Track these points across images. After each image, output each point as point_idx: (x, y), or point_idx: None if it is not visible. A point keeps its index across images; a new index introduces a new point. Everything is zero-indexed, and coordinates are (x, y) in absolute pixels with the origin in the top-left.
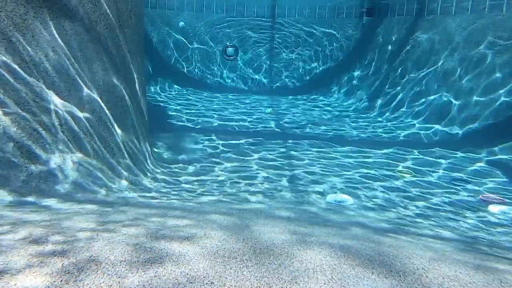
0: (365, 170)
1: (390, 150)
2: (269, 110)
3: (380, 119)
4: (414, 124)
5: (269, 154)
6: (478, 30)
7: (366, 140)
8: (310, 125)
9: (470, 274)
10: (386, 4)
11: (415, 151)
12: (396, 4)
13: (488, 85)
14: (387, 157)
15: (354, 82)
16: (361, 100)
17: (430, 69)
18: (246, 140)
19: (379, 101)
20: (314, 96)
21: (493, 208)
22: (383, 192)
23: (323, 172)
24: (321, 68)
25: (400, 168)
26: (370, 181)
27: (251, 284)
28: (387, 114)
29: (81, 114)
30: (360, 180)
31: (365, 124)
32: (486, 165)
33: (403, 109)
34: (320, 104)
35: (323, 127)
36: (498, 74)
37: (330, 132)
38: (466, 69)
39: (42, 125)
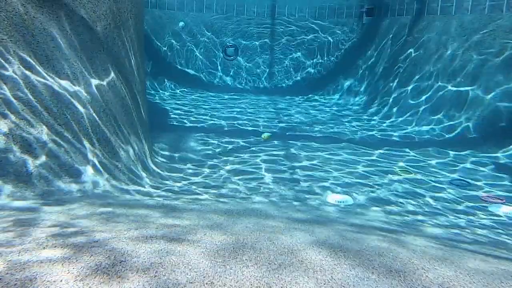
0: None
1: (383, 150)
2: (266, 134)
3: (378, 118)
4: (413, 124)
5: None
6: (479, 31)
7: (363, 140)
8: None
9: (470, 274)
10: (386, 4)
11: (411, 151)
12: (396, 4)
13: (489, 85)
14: (383, 157)
15: (354, 82)
16: (361, 100)
17: (431, 69)
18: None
19: (379, 101)
20: (314, 96)
21: (493, 208)
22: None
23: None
24: (321, 68)
25: (400, 169)
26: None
27: (251, 284)
28: (387, 113)
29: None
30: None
31: (364, 123)
32: (487, 165)
33: (403, 108)
34: (321, 104)
35: (320, 127)
36: (500, 75)
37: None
38: (467, 69)
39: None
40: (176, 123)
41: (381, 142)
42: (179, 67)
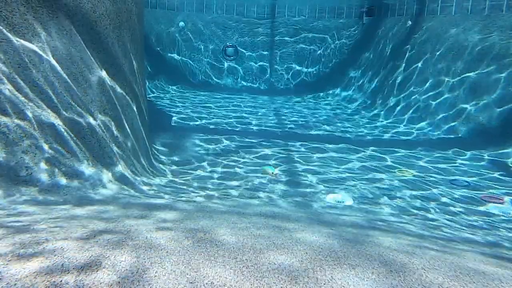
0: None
1: (385, 149)
2: (271, 168)
3: (379, 118)
4: (413, 125)
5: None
6: (479, 30)
7: (364, 140)
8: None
9: (470, 274)
10: (386, 4)
11: (414, 151)
12: (396, 4)
13: (490, 85)
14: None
15: (354, 82)
16: (361, 100)
17: (431, 69)
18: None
19: (379, 101)
20: (315, 96)
21: (493, 207)
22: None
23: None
24: (321, 68)
25: (400, 169)
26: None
27: (251, 284)
28: (387, 113)
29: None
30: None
31: (363, 124)
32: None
33: (403, 109)
34: (322, 104)
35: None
36: (501, 74)
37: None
38: (467, 69)
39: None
40: (175, 123)
41: (378, 142)
42: (178, 67)
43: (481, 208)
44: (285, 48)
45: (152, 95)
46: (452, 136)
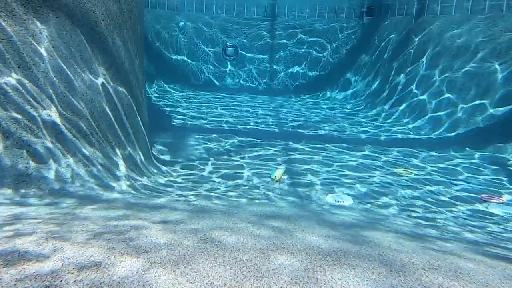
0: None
1: (385, 149)
2: (280, 171)
3: (379, 118)
4: (413, 125)
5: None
6: (479, 30)
7: (364, 140)
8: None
9: (470, 274)
10: (386, 4)
11: (414, 150)
12: (396, 4)
13: (490, 85)
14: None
15: (354, 82)
16: (361, 100)
17: (431, 69)
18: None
19: (379, 101)
20: (314, 96)
21: (493, 207)
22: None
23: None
24: (320, 68)
25: (400, 169)
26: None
27: (251, 284)
28: (387, 113)
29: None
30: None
31: (364, 123)
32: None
33: (404, 108)
34: (321, 104)
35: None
36: (499, 74)
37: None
38: (467, 69)
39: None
40: (176, 123)
41: (380, 141)
42: (178, 67)
43: (481, 208)
44: (285, 48)
45: (152, 95)
46: (452, 135)
